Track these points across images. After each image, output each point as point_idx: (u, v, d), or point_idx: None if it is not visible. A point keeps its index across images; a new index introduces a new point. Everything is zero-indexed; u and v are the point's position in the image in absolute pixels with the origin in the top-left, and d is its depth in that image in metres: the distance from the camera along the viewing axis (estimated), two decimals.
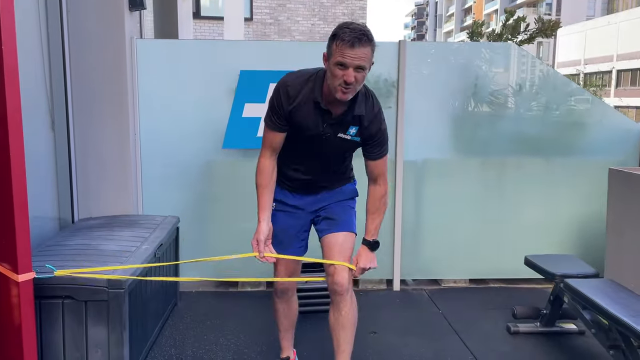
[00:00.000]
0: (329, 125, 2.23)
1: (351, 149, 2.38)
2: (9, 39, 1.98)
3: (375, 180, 2.39)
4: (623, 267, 3.18)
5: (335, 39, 2.06)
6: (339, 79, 2.07)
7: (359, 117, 2.23)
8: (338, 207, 2.45)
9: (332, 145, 2.29)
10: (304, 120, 2.23)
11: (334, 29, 2.12)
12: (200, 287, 4.01)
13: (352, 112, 2.21)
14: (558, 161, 4.09)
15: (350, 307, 2.36)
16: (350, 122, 2.24)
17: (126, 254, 2.76)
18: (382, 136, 2.32)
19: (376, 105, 2.30)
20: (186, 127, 3.83)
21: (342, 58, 2.03)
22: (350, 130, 2.25)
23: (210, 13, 12.80)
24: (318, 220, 2.47)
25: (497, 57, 4.03)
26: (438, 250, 4.10)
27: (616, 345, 2.56)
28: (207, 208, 3.94)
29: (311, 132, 2.25)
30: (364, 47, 2.04)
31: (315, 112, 2.21)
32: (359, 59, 2.04)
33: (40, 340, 2.42)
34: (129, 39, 3.60)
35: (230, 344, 3.15)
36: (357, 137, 2.27)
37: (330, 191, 2.47)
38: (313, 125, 2.24)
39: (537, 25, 5.91)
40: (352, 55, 2.03)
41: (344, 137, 2.26)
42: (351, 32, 2.03)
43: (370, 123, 2.26)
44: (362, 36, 2.04)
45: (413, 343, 3.20)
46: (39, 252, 2.79)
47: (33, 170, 3.22)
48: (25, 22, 3.18)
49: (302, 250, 2.53)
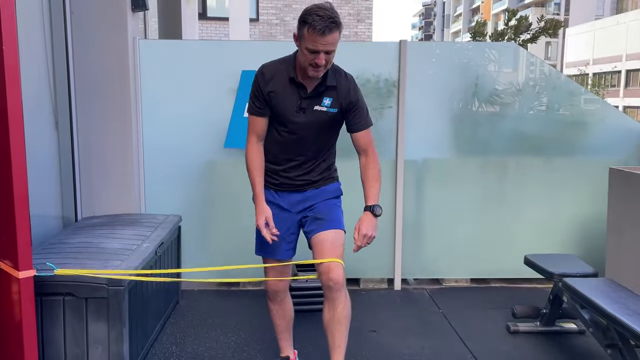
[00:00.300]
0: (304, 99, 2.34)
1: (331, 126, 2.42)
2: (9, 40, 2.02)
3: (365, 151, 2.45)
4: (623, 266, 3.17)
5: (306, 25, 2.17)
6: (311, 61, 2.21)
7: (332, 87, 2.34)
8: (325, 207, 2.48)
9: (312, 122, 2.37)
10: (282, 98, 2.34)
11: (304, 11, 2.22)
12: (202, 286, 4.04)
13: (324, 84, 2.33)
14: (559, 161, 4.08)
15: (345, 304, 2.39)
16: (324, 93, 2.35)
17: (127, 252, 2.80)
18: (362, 106, 2.41)
19: (348, 76, 2.41)
20: (188, 127, 3.87)
21: (314, 45, 2.17)
22: (324, 101, 2.35)
23: (217, 14, 12.85)
24: (306, 221, 2.49)
25: (498, 57, 4.04)
26: (439, 250, 4.11)
27: (613, 344, 2.56)
28: (209, 207, 3.97)
29: (290, 108, 2.35)
30: (333, 33, 2.17)
31: (291, 89, 2.34)
32: (329, 44, 2.18)
33: (42, 337, 2.46)
34: (132, 39, 3.63)
35: (231, 342, 3.18)
36: (333, 108, 2.37)
37: (316, 189, 2.49)
38: (290, 102, 2.34)
39: (539, 25, 5.89)
40: (322, 42, 2.16)
41: (320, 109, 2.35)
42: (321, 20, 2.14)
43: (346, 93, 2.36)
44: (331, 24, 2.15)
45: (412, 342, 3.21)
46: (41, 249, 2.83)
47: (37, 169, 3.27)
48: (30, 24, 3.23)
49: (290, 253, 2.57)
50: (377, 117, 3.94)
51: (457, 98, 4.01)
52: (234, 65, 3.79)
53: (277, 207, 2.51)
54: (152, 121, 3.81)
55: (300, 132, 2.38)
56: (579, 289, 2.78)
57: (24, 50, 3.12)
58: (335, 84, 2.35)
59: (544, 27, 5.70)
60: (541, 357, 3.06)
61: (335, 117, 2.40)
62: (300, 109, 2.35)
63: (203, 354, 3.03)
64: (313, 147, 2.44)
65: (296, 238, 2.58)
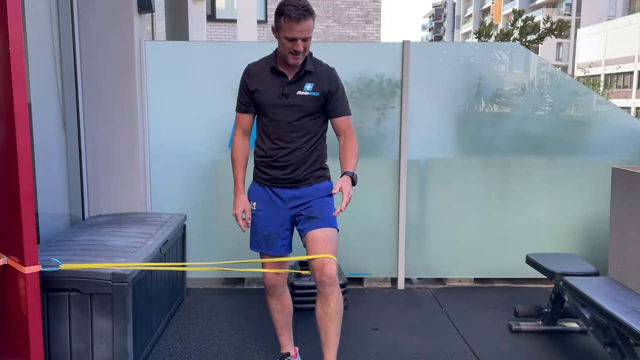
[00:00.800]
0: (287, 86, 2.48)
1: (314, 109, 2.51)
2: (16, 41, 2.07)
3: (343, 132, 2.57)
4: (626, 266, 3.17)
5: (282, 16, 2.34)
6: (289, 49, 2.37)
7: (310, 72, 2.49)
8: (318, 205, 2.53)
9: (296, 106, 2.48)
10: (265, 88, 2.49)
11: (279, 3, 2.38)
12: (207, 284, 4.09)
13: (303, 69, 2.48)
14: (563, 161, 4.08)
15: (337, 300, 2.42)
16: (304, 78, 2.49)
17: (132, 250, 2.85)
18: (342, 95, 2.57)
19: (329, 66, 2.58)
20: (193, 127, 3.92)
21: (291, 34, 2.33)
22: (306, 86, 2.49)
23: (226, 16, 12.95)
24: (300, 219, 2.54)
25: (501, 57, 4.05)
26: (442, 250, 4.13)
27: (613, 342, 2.57)
28: (214, 206, 4.01)
29: (273, 95, 2.48)
30: (307, 20, 2.33)
31: (273, 78, 2.49)
32: (305, 31, 2.34)
33: (48, 331, 2.51)
34: (138, 41, 3.69)
35: (234, 339, 3.22)
36: (314, 92, 2.49)
37: (308, 187, 2.55)
38: (273, 90, 2.49)
39: (545, 25, 5.89)
40: (299, 29, 2.32)
41: (303, 94, 2.48)
42: (295, 9, 2.30)
43: (327, 79, 2.51)
44: (305, 12, 2.32)
45: (414, 340, 3.23)
46: (48, 247, 2.89)
47: (45, 169, 3.34)
48: (38, 26, 3.30)
49: (285, 249, 2.63)
50: (380, 117, 3.98)
51: (460, 98, 4.03)
52: (238, 66, 3.79)
53: (271, 204, 2.57)
54: (158, 121, 3.86)
55: (287, 117, 2.49)
56: (579, 287, 2.78)
57: (32, 53, 3.19)
58: (312, 70, 2.49)
59: (550, 28, 5.69)
60: (542, 356, 3.07)
61: (317, 101, 2.50)
62: (284, 95, 2.48)
63: (206, 351, 3.07)
64: (301, 133, 2.51)
65: (290, 234, 2.63)
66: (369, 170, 4.04)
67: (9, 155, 2.14)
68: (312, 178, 2.55)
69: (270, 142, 2.53)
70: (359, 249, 4.05)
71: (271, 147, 2.53)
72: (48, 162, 3.42)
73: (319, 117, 2.56)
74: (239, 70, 3.82)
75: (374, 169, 4.04)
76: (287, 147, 2.51)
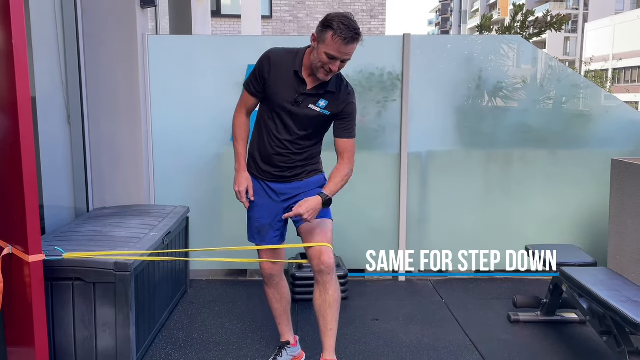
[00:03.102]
0: (302, 95, 2.41)
1: (320, 125, 2.50)
2: (19, 35, 2.12)
3: (341, 155, 2.53)
4: (625, 257, 3.19)
5: (331, 30, 2.24)
6: (325, 65, 2.30)
7: (331, 93, 2.42)
8: (310, 196, 2.50)
9: (303, 117, 2.44)
10: (281, 86, 2.42)
11: (329, 16, 2.28)
12: (210, 275, 4.14)
13: (325, 87, 2.41)
14: (564, 153, 4.10)
15: (335, 287, 2.46)
16: (322, 95, 2.43)
17: (135, 240, 2.90)
18: (353, 118, 2.51)
19: (349, 87, 2.50)
20: (197, 120, 3.97)
21: (334, 52, 2.26)
22: (320, 102, 2.43)
23: (230, 11, 12.97)
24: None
25: (501, 50, 4.06)
26: (444, 241, 4.14)
27: (609, 331, 2.59)
28: (217, 198, 4.06)
29: (286, 98, 2.42)
30: (354, 44, 2.27)
31: (292, 80, 2.41)
32: (349, 54, 2.29)
33: (52, 320, 2.56)
34: (141, 35, 3.74)
35: (236, 329, 3.27)
36: (326, 110, 2.44)
37: (300, 181, 2.57)
38: (288, 92, 2.42)
39: (545, 19, 5.91)
40: (344, 51, 2.26)
41: (314, 109, 2.43)
42: (348, 30, 2.22)
43: (344, 102, 2.45)
44: (356, 36, 2.25)
45: (413, 330, 3.27)
46: (53, 237, 2.94)
47: (50, 162, 3.40)
48: (42, 21, 3.35)
49: (277, 240, 2.66)
50: (381, 110, 4.01)
51: (461, 91, 4.04)
52: (242, 60, 3.87)
53: (264, 196, 2.60)
54: (161, 115, 3.91)
55: (291, 123, 2.46)
56: (576, 277, 2.81)
57: (37, 48, 3.24)
58: (335, 91, 2.43)
59: (549, 22, 5.70)
60: (540, 345, 3.10)
61: (326, 119, 2.48)
62: (296, 102, 2.42)
63: (208, 340, 3.12)
64: (301, 141, 2.51)
65: (283, 226, 2.66)
66: (370, 163, 4.08)
67: (13, 146, 2.19)
68: (304, 173, 2.57)
69: (268, 143, 2.51)
70: (359, 241, 4.08)
71: (268, 148, 2.52)
72: (53, 156, 3.47)
73: (322, 131, 2.55)
74: (242, 63, 3.90)
75: (375, 162, 4.07)
76: (284, 151, 2.50)
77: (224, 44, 4.20)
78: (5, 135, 2.26)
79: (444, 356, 2.97)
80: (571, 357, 2.96)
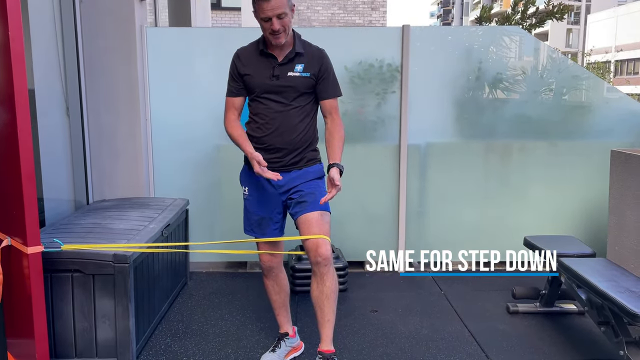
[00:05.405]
0: (277, 67, 2.49)
1: (305, 91, 2.53)
2: (15, 26, 2.12)
3: (330, 114, 2.59)
4: (624, 247, 3.19)
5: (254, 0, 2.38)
6: (268, 30, 2.39)
7: (301, 54, 2.51)
8: (309, 188, 2.54)
9: (287, 87, 2.49)
10: (256, 69, 2.51)
11: None
12: (210, 267, 4.15)
13: (293, 52, 2.50)
14: (564, 144, 4.09)
15: (333, 279, 2.46)
16: (295, 60, 2.51)
17: (134, 232, 2.90)
18: (332, 76, 2.58)
19: (320, 48, 2.59)
20: (196, 112, 3.96)
21: (264, 13, 2.36)
22: (297, 67, 2.50)
23: (231, 4, 12.91)
24: (291, 203, 2.56)
25: (501, 41, 4.04)
26: (443, 233, 4.15)
27: (607, 321, 2.60)
28: (217, 191, 4.07)
29: (265, 76, 2.49)
30: None
31: (264, 61, 2.51)
32: (276, 9, 2.34)
33: (52, 311, 2.58)
34: (139, 27, 3.73)
35: (235, 320, 3.28)
36: (305, 72, 2.50)
37: (299, 170, 2.56)
38: (264, 71, 2.50)
39: (545, 9, 5.87)
40: (269, 8, 2.34)
41: (294, 75, 2.49)
42: None
43: (318, 60, 2.53)
44: None
45: (412, 321, 3.28)
46: (52, 229, 2.95)
47: (50, 155, 3.40)
48: (41, 13, 3.34)
49: (277, 232, 2.66)
50: (381, 102, 4.00)
51: (461, 82, 4.03)
52: None
53: (262, 189, 2.60)
54: (160, 107, 3.91)
55: (278, 98, 2.50)
56: (574, 268, 2.81)
57: (35, 40, 3.24)
58: (303, 51, 2.51)
59: (550, 11, 5.67)
60: (539, 336, 3.10)
61: (309, 82, 2.52)
62: (274, 76, 2.49)
63: (208, 331, 3.13)
64: (293, 115, 2.52)
65: (282, 218, 2.66)
66: (369, 155, 4.08)
67: (11, 138, 2.19)
68: (303, 161, 2.56)
69: (263, 127, 2.52)
70: (359, 233, 4.09)
71: (264, 132, 2.52)
72: (52, 148, 3.48)
73: (310, 99, 2.57)
74: None
75: (374, 154, 4.07)
76: (279, 130, 2.51)
77: (222, 36, 4.18)
78: (2, 127, 2.26)
79: (442, 347, 2.98)
80: (569, 348, 2.96)
